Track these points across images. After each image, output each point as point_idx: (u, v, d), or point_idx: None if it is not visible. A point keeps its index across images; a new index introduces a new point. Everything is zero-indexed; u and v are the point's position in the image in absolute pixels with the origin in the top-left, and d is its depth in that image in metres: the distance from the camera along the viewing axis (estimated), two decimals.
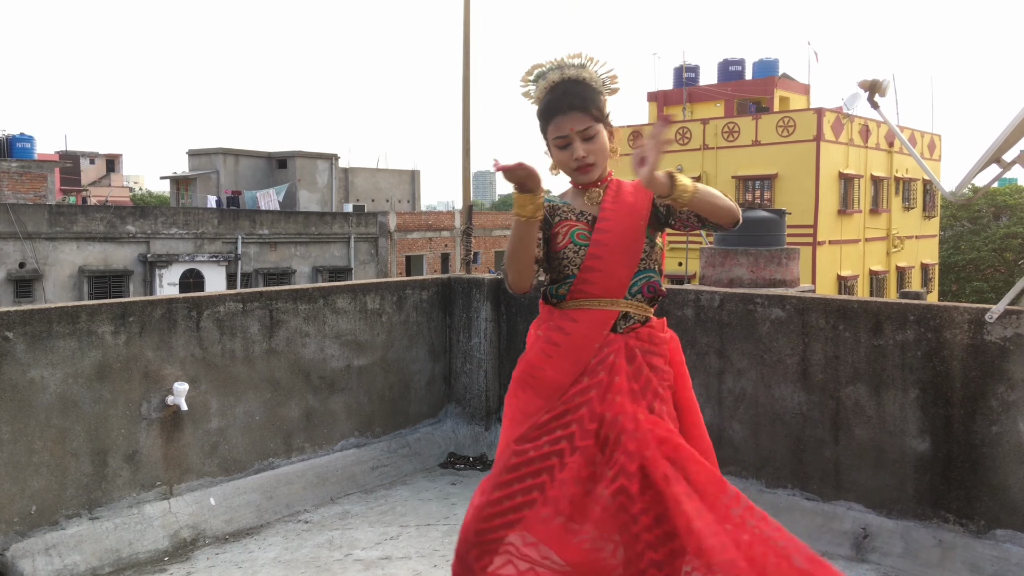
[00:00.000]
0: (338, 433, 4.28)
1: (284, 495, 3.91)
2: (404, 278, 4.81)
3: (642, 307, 2.29)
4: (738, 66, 34.61)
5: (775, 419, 3.71)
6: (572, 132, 2.24)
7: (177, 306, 3.66)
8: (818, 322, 3.60)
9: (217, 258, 26.55)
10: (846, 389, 3.52)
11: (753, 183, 27.58)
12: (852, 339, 3.50)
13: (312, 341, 4.16)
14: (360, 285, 4.43)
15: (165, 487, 3.58)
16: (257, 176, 38.08)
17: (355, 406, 4.35)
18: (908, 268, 30.98)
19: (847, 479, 3.52)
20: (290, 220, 29.09)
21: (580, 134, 2.24)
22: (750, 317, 3.78)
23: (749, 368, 3.78)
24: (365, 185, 41.94)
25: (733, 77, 34.24)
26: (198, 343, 3.71)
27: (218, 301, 3.81)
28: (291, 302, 4.08)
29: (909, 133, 29.98)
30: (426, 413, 4.71)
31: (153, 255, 25.16)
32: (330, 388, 4.24)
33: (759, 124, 27.36)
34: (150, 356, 3.55)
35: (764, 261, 14.72)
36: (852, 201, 27.94)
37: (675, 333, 2.40)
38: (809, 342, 3.62)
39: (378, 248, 31.63)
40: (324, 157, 38.86)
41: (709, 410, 3.90)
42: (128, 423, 3.48)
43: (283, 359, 4.04)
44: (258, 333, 3.94)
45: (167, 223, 25.72)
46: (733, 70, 34.52)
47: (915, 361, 3.36)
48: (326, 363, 4.22)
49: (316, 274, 29.24)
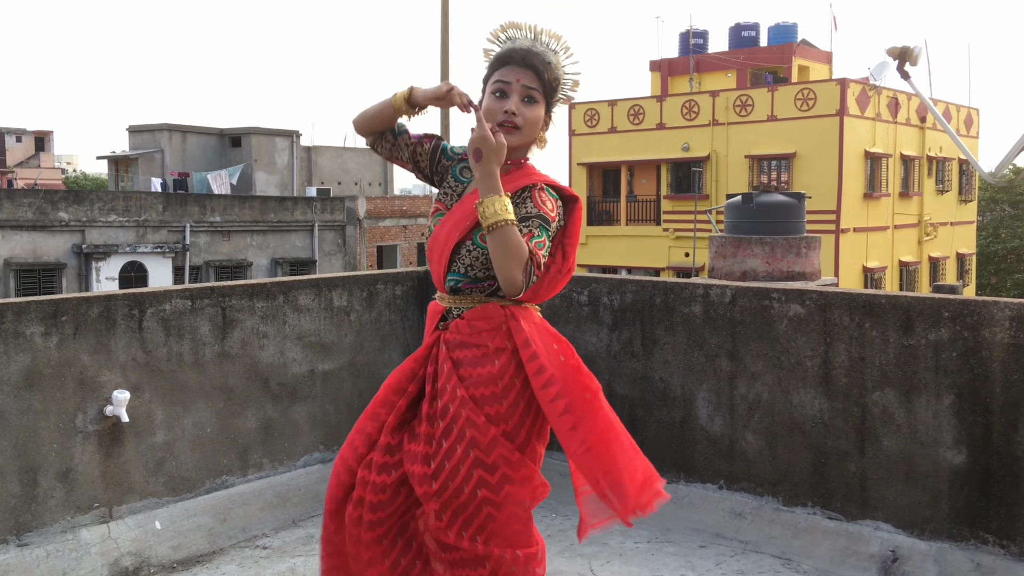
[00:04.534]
0: (301, 447, 4.27)
1: (239, 517, 3.90)
2: (375, 271, 4.81)
3: (467, 300, 2.44)
4: (751, 31, 34.68)
5: (793, 428, 3.73)
6: (517, 83, 2.39)
7: (117, 304, 3.64)
8: (841, 320, 3.61)
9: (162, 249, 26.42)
10: (873, 395, 3.54)
11: (768, 163, 27.69)
12: (879, 339, 3.52)
13: (271, 343, 4.15)
14: (325, 279, 4.42)
15: (104, 509, 3.57)
16: (208, 156, 37.91)
17: (320, 416, 4.34)
18: (942, 259, 31.20)
19: (874, 496, 3.54)
20: (245, 206, 28.97)
21: (523, 89, 2.39)
22: (765, 314, 3.80)
23: (764, 372, 3.80)
24: (331, 166, 41.82)
25: (746, 44, 34.32)
26: (141, 346, 3.70)
27: (163, 298, 3.79)
28: (247, 299, 4.07)
29: (943, 107, 30.17)
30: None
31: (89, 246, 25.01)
32: (291, 396, 4.23)
33: (775, 97, 27.44)
34: (86, 361, 3.53)
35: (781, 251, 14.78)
36: (879, 183, 28.10)
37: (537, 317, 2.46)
38: (831, 342, 3.64)
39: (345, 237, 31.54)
40: (284, 134, 38.72)
41: (719, 419, 3.91)
42: (61, 437, 3.46)
43: (238, 363, 4.03)
44: (209, 334, 3.93)
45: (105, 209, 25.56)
46: (746, 36, 34.59)
47: (950, 363, 3.38)
48: (287, 368, 4.21)
49: (275, 267, 29.15)
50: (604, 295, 4.27)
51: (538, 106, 2.41)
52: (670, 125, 28.75)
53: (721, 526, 3.84)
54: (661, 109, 28.95)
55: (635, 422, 4.16)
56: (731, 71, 33.19)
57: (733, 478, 3.90)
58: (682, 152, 28.59)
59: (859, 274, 27.20)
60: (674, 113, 28.73)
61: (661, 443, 4.09)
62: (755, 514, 3.79)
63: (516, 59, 2.39)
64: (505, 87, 2.39)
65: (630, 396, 4.19)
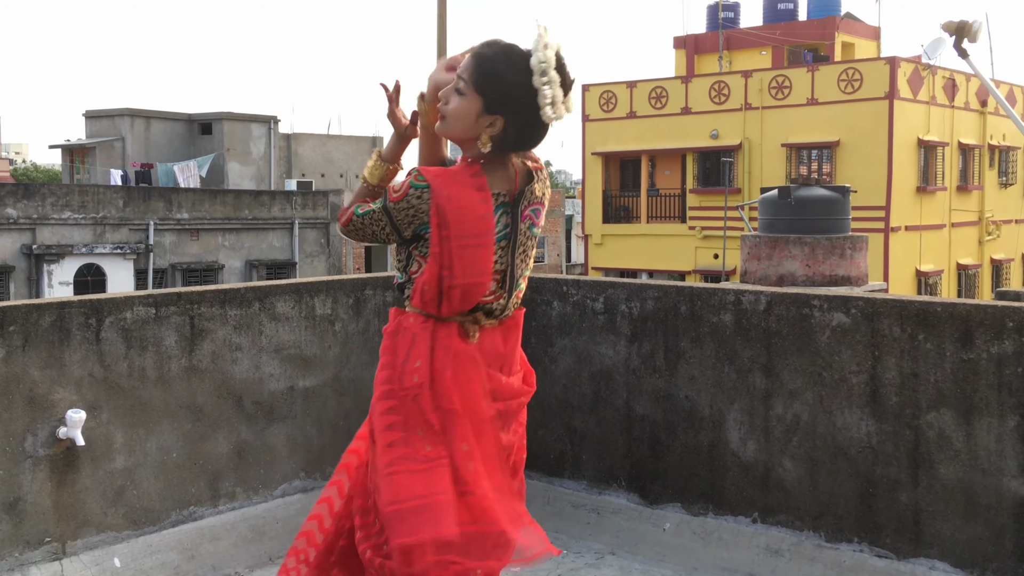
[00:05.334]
0: (279, 474, 4.27)
1: (209, 554, 3.90)
2: (363, 275, 4.81)
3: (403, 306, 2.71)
4: (789, 4, 34.74)
5: (837, 454, 3.72)
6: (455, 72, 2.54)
7: (71, 312, 3.65)
8: (892, 331, 3.61)
9: (122, 250, 26.50)
10: (927, 416, 3.53)
11: (808, 153, 27.71)
12: (935, 352, 3.52)
13: (245, 356, 4.15)
14: (307, 284, 4.42)
15: (57, 544, 3.57)
16: (174, 145, 38.03)
17: (300, 439, 4.34)
18: (1006, 261, 31.17)
19: (929, 530, 3.53)
20: (216, 201, 29.06)
21: (456, 79, 2.53)
22: (805, 324, 3.80)
23: (804, 389, 3.79)
24: (313, 156, 41.93)
25: (783, 18, 34.38)
26: (98, 359, 3.70)
27: (124, 305, 3.80)
28: (218, 306, 4.08)
29: (1007, 89, 30.15)
30: None
31: (40, 246, 25.09)
32: (268, 416, 4.23)
33: (816, 77, 27.47)
34: (36, 376, 3.53)
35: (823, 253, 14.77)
36: (935, 176, 28.09)
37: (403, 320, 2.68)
38: (880, 356, 3.63)
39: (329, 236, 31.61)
40: (260, 120, 38.83)
41: (753, 443, 3.91)
42: (8, 463, 3.46)
43: (208, 379, 4.03)
44: (175, 346, 3.93)
45: (58, 205, 25.65)
46: (783, 8, 34.65)
47: (1016, 380, 3.37)
48: (263, 384, 4.22)
49: (250, 270, 29.21)
50: (622, 302, 4.27)
51: (465, 100, 2.51)
52: (697, 109, 28.79)
53: (755, 565, 3.83)
54: (686, 91, 28.99)
55: (657, 446, 4.15)
56: (766, 48, 33.22)
57: (769, 510, 3.89)
58: (710, 140, 28.62)
59: (911, 278, 27.18)
60: (701, 96, 28.75)
61: (687, 470, 4.08)
62: (794, 551, 3.78)
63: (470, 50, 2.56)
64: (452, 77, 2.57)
65: (651, 416, 4.18)
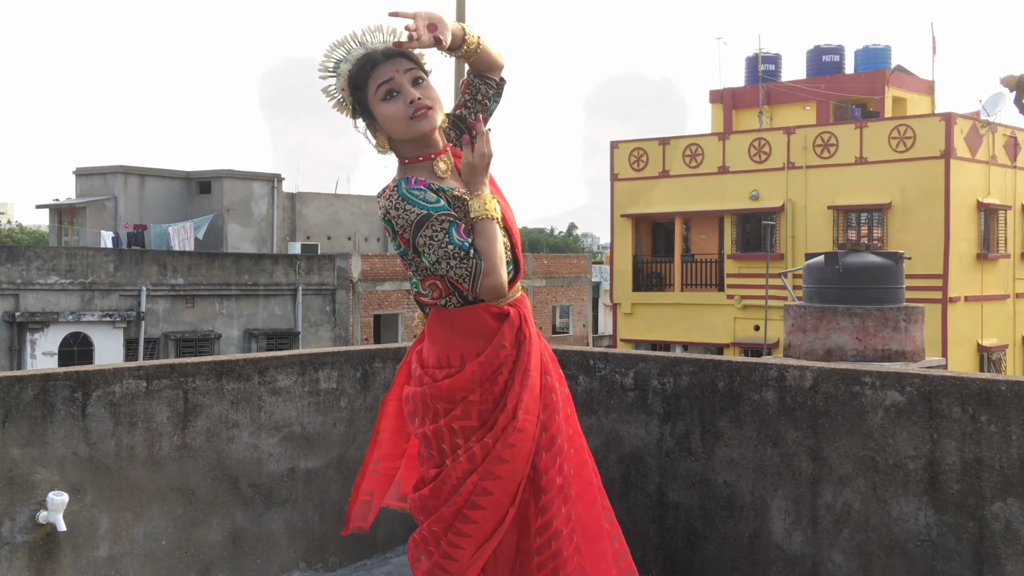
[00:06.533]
0: (277, 564, 4.25)
1: None
2: (372, 345, 4.83)
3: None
4: (835, 55, 35.04)
5: (893, 548, 3.68)
6: (398, 73, 2.83)
7: (55, 384, 3.67)
8: (952, 411, 3.59)
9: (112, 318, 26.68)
10: (993, 506, 3.49)
11: (858, 216, 27.73)
12: (1000, 435, 3.49)
13: (242, 434, 4.16)
14: (310, 356, 4.44)
15: None
16: (170, 204, 38.48)
17: (301, 525, 4.33)
18: None
19: None
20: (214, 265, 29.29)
21: (408, 75, 2.84)
22: (856, 403, 3.78)
23: (855, 475, 3.76)
24: (319, 217, 42.32)
25: (828, 71, 34.65)
26: (84, 437, 3.71)
27: (112, 378, 3.82)
28: (214, 379, 4.09)
29: None
30: (401, 536, 4.68)
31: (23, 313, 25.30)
32: (266, 500, 4.22)
33: (865, 135, 27.61)
34: (16, 455, 3.55)
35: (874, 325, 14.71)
36: (996, 241, 28.04)
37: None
38: (939, 439, 3.60)
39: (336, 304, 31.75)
40: (263, 179, 39.31)
41: (799, 534, 3.86)
42: None
43: (201, 459, 4.04)
44: (167, 423, 3.94)
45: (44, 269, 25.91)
46: (828, 61, 34.94)
47: None
48: (261, 465, 4.21)
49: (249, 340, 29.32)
50: (654, 377, 4.26)
51: (428, 83, 2.90)
52: (735, 168, 28.93)
53: None
54: (724, 149, 29.16)
55: (693, 537, 4.11)
56: (810, 103, 33.44)
57: None
58: (750, 202, 28.70)
59: (973, 353, 26.99)
60: (740, 154, 28.92)
61: (726, 564, 4.03)
62: None
63: (380, 57, 2.85)
64: (392, 85, 2.84)
65: (686, 504, 4.15)
